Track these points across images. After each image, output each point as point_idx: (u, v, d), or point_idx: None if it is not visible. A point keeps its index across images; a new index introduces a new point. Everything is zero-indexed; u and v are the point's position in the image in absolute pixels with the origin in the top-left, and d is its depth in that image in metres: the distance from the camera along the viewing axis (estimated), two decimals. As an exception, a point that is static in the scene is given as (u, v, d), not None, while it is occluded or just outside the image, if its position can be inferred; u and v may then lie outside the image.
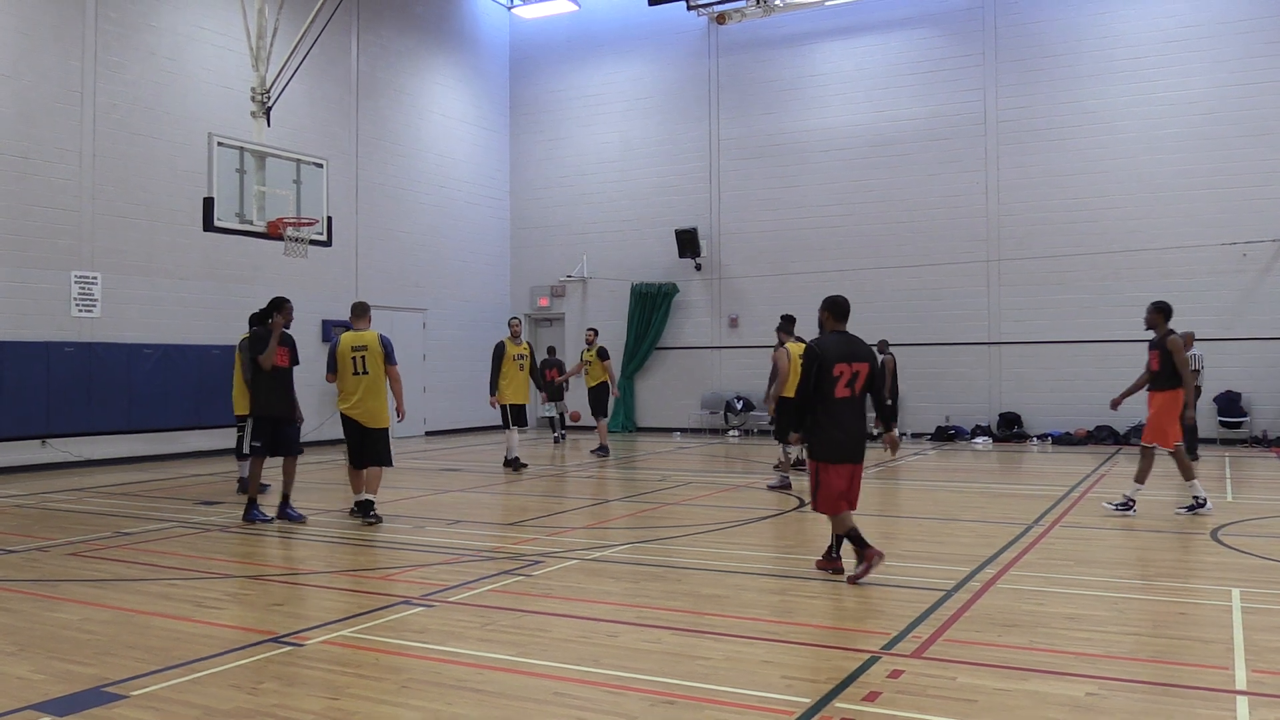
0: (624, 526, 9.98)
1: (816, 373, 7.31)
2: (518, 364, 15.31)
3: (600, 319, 23.95)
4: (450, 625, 6.16)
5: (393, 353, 10.33)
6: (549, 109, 25.28)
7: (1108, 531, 9.51)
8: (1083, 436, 19.19)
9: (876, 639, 5.73)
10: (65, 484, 13.82)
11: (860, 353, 7.43)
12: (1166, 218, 19.15)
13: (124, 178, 16.84)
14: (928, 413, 20.96)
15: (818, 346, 7.38)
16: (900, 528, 9.88)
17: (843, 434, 7.33)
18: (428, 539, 9.28)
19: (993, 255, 20.51)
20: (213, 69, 18.15)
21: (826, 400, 7.31)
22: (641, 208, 24.01)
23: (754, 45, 22.95)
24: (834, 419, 7.32)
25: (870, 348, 7.60)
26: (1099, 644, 5.63)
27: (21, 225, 15.44)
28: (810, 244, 22.16)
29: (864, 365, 7.38)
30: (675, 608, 6.71)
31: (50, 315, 15.76)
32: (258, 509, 10.26)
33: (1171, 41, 19.21)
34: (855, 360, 7.37)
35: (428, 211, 23.15)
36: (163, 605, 6.71)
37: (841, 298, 7.67)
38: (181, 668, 5.26)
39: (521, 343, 15.63)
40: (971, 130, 20.77)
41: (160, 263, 17.31)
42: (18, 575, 7.75)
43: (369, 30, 21.72)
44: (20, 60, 15.51)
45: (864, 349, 7.49)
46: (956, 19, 21.03)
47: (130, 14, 17.07)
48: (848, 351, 7.38)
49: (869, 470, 14.80)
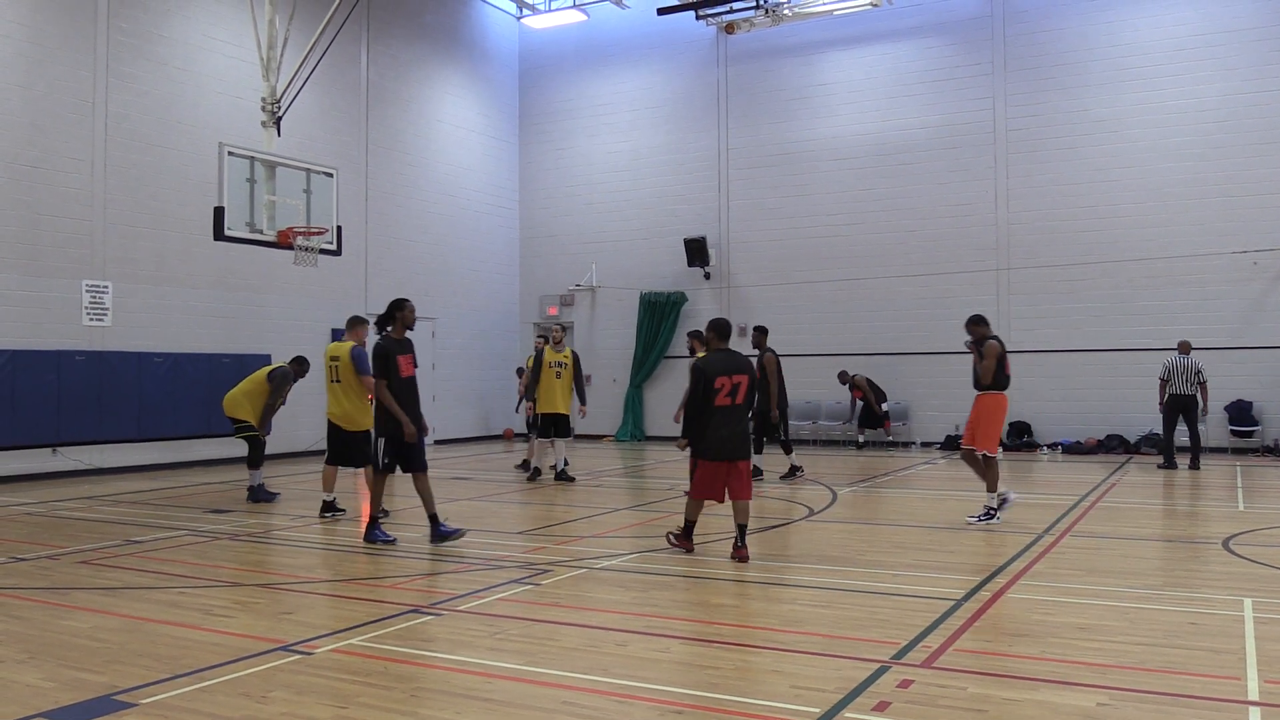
0: (633, 535, 9.97)
1: (703, 386, 8.47)
2: (553, 371, 14.50)
3: (609, 328, 23.98)
4: (459, 634, 6.16)
5: (363, 363, 10.53)
6: (558, 118, 25.34)
7: (1118, 541, 9.47)
8: (1093, 446, 19.12)
9: (886, 648, 5.71)
10: (76, 492, 13.87)
11: (740, 366, 8.59)
12: (1177, 226, 19.08)
13: (135, 187, 16.92)
14: (937, 422, 20.90)
15: (703, 364, 8.55)
16: (910, 536, 9.85)
17: (722, 436, 8.46)
18: (436, 548, 9.28)
19: (1002, 264, 20.47)
20: (223, 79, 18.23)
21: (710, 408, 8.46)
22: (650, 217, 24.03)
23: (763, 54, 22.98)
24: (716, 423, 8.45)
25: (749, 361, 8.77)
26: (1110, 654, 5.61)
27: (33, 234, 15.52)
28: (819, 253, 22.15)
29: (743, 377, 8.55)
30: (684, 617, 6.70)
31: (62, 324, 15.82)
32: (380, 528, 9.49)
33: (1182, 50, 19.18)
34: (735, 373, 8.53)
35: (437, 220, 23.21)
36: (172, 613, 6.72)
37: (724, 320, 8.91)
38: (190, 676, 5.27)
39: (564, 349, 14.78)
40: (981, 139, 20.76)
41: (171, 272, 17.37)
42: (28, 583, 7.77)
43: (379, 40, 21.81)
44: (32, 70, 15.61)
45: (743, 363, 8.64)
46: (966, 28, 21.03)
47: (142, 24, 17.17)
48: (729, 366, 8.54)
49: (881, 481, 14.84)
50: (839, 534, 10.00)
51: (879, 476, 15.41)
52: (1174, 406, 15.85)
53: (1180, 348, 16.12)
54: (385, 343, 9.34)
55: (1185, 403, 15.77)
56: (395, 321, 9.45)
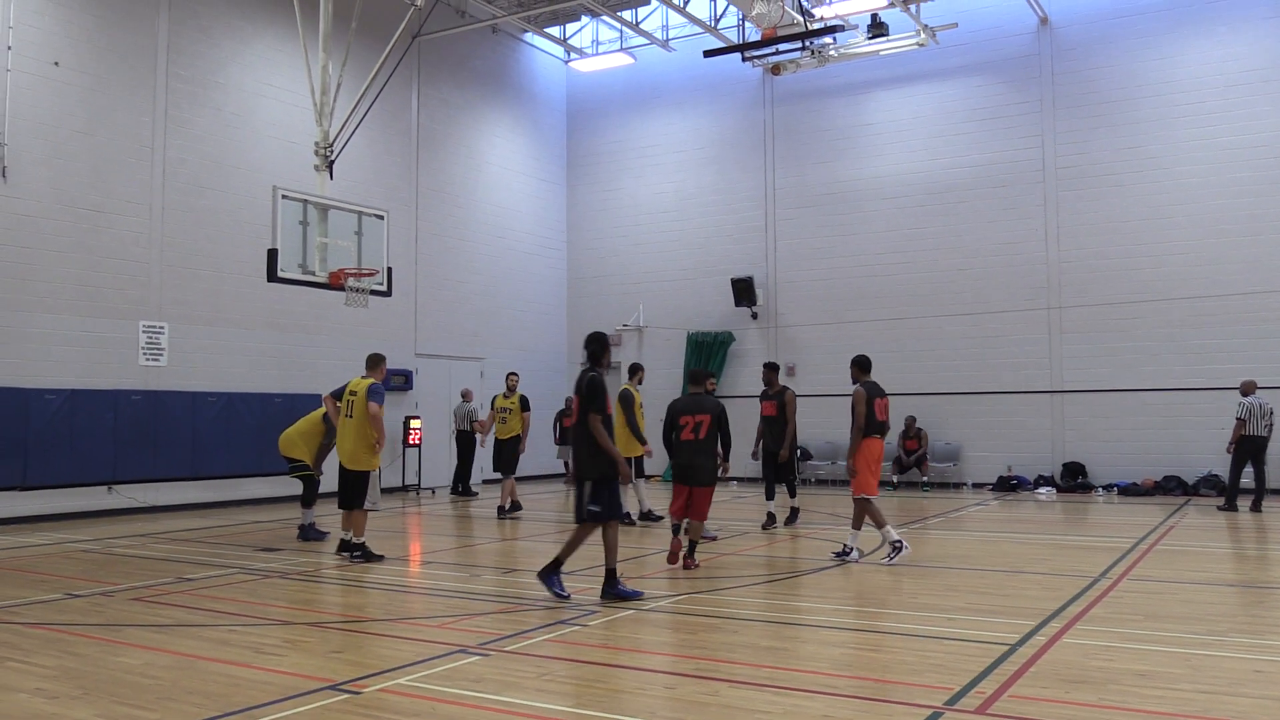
0: (680, 577, 9.90)
1: (669, 422, 10.47)
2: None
3: (657, 368, 23.94)
4: (507, 674, 6.13)
5: (376, 395, 10.73)
6: (605, 160, 25.56)
7: (1179, 585, 9.25)
8: (1150, 487, 18.74)
9: (939, 694, 5.59)
10: (130, 529, 14.05)
11: (704, 407, 10.36)
12: (1231, 263, 18.77)
13: (191, 230, 17.27)
14: (989, 462, 20.61)
15: (673, 404, 10.62)
16: (963, 579, 9.69)
17: (682, 464, 10.35)
18: (484, 587, 9.27)
19: (1053, 303, 20.24)
20: (278, 124, 18.62)
21: (675, 441, 10.39)
22: (697, 257, 24.09)
23: (809, 95, 23.05)
24: (678, 454, 10.39)
25: (715, 402, 10.52)
26: (1172, 702, 5.45)
27: (92, 276, 15.88)
28: (867, 292, 22.05)
29: (705, 416, 10.25)
30: (733, 659, 6.62)
31: (119, 364, 16.13)
32: (621, 584, 8.56)
33: (1234, 85, 18.96)
34: (699, 413, 10.31)
35: (486, 261, 23.42)
36: (223, 651, 6.76)
37: (696, 370, 11.23)
38: (240, 714, 5.28)
39: (512, 396, 16.13)
40: (1030, 177, 20.61)
41: (225, 312, 17.67)
42: (83, 619, 7.86)
43: (429, 84, 22.17)
44: (94, 117, 16.04)
45: (708, 404, 10.43)
46: (1013, 66, 20.96)
47: (200, 71, 17.60)
48: (693, 407, 10.40)
49: (932, 522, 14.63)
50: (890, 576, 9.85)
51: (930, 518, 15.20)
52: (1247, 449, 15.33)
53: (1245, 388, 15.66)
54: (600, 377, 8.53)
55: (1259, 445, 15.28)
56: (602, 358, 8.82)
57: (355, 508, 10.88)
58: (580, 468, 8.49)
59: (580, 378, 8.58)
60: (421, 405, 21.16)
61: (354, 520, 10.91)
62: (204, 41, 17.71)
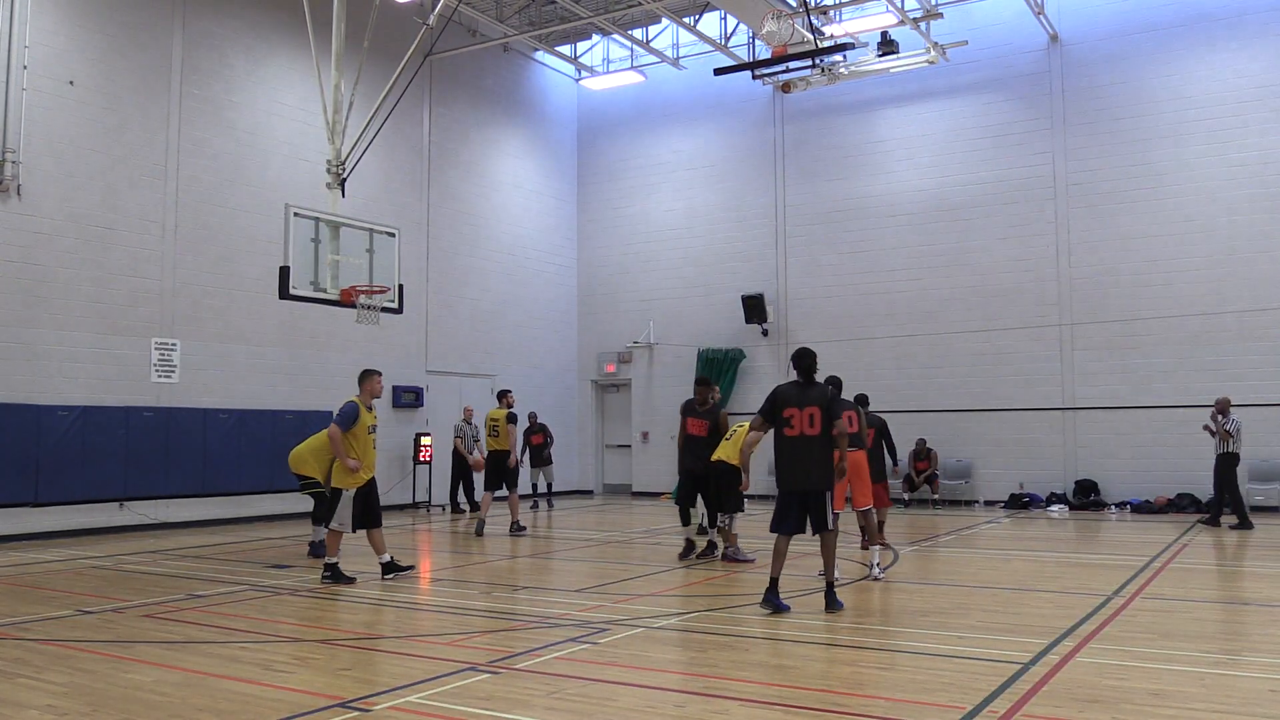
0: (692, 594, 9.87)
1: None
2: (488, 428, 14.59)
3: (667, 385, 23.96)
4: (516, 693, 6.11)
5: (343, 418, 10.50)
6: (616, 177, 25.62)
7: (1193, 604, 9.19)
8: (1163, 505, 18.63)
9: (951, 713, 5.56)
10: (141, 546, 14.08)
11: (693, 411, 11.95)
12: (1246, 280, 18.71)
13: (204, 248, 17.36)
14: (1001, 480, 20.52)
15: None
16: (975, 598, 9.64)
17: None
18: (494, 604, 9.26)
19: (1065, 319, 20.18)
20: (290, 142, 18.73)
21: None
22: (708, 274, 24.11)
23: (819, 112, 23.09)
24: None
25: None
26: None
27: (105, 294, 15.96)
28: (878, 309, 22.03)
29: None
30: (744, 678, 6.59)
31: (131, 381, 16.20)
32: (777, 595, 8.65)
33: (1246, 102, 18.93)
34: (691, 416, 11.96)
35: (496, 278, 23.48)
36: (233, 668, 6.76)
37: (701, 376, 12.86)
38: (250, 732, 5.28)
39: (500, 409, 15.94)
40: (1041, 193, 20.59)
41: (237, 329, 17.74)
42: (94, 635, 7.87)
43: (441, 103, 22.28)
44: (108, 136, 16.16)
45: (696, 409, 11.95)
46: (1024, 83, 20.97)
47: (213, 91, 17.73)
48: None
49: (944, 540, 14.57)
50: (901, 594, 9.81)
51: (942, 535, 15.13)
52: (1232, 464, 15.75)
53: (1225, 405, 15.90)
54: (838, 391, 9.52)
55: (1238, 460, 15.84)
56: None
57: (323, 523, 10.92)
58: (819, 480, 8.71)
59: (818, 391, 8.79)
60: (432, 422, 21.17)
61: (328, 539, 10.77)
62: (218, 60, 17.84)
